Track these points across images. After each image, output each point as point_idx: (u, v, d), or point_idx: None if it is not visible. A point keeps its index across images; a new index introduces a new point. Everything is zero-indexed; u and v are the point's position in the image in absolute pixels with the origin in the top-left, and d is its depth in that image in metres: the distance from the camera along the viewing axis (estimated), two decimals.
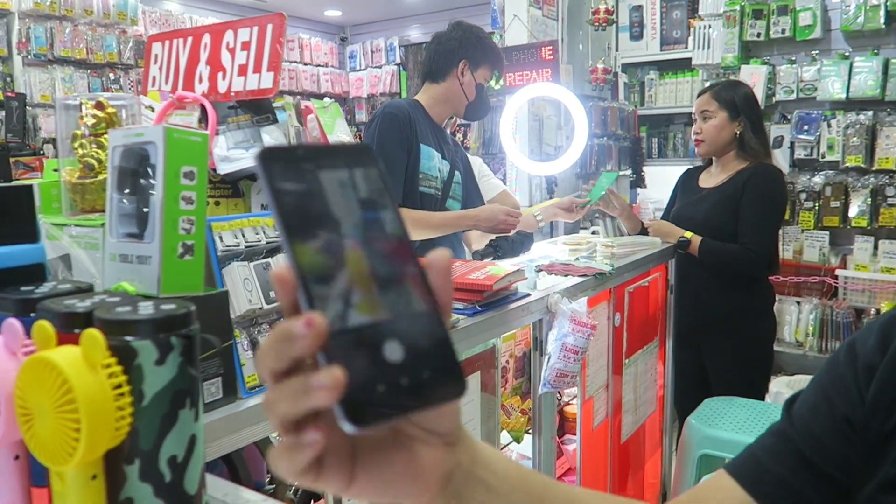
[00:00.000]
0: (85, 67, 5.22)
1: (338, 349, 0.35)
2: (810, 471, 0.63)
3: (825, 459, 0.63)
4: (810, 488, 0.63)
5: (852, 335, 0.68)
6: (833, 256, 3.47)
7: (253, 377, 0.98)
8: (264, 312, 1.03)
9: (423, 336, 0.37)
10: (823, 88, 3.42)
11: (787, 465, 0.64)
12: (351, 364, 0.35)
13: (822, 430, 0.64)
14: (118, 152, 0.87)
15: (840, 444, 0.62)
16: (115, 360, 0.55)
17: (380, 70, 7.83)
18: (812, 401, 0.66)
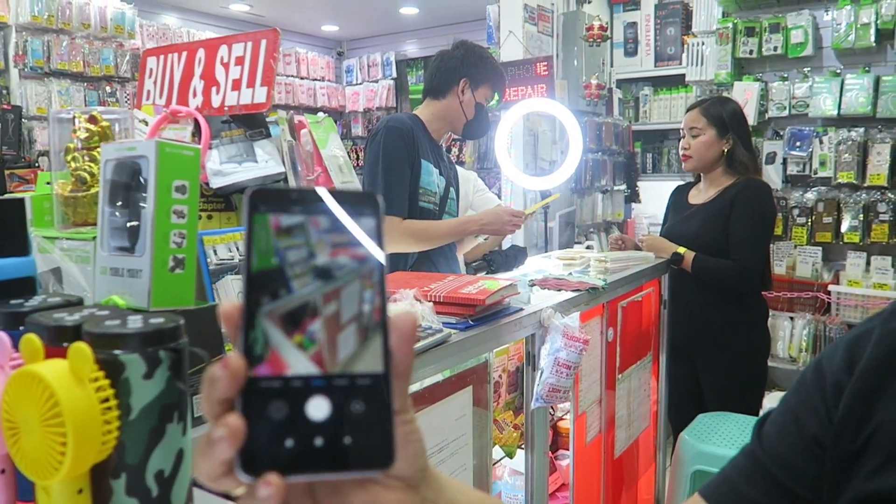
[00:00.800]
0: (82, 80, 5.23)
1: (255, 398, 0.34)
2: (780, 492, 0.64)
3: (795, 480, 0.63)
4: None
5: (819, 354, 0.69)
6: (826, 272, 3.48)
7: None
8: None
9: (359, 399, 0.35)
10: (815, 105, 3.45)
11: (758, 488, 0.65)
12: (263, 414, 0.33)
13: (791, 451, 0.64)
14: (110, 166, 0.87)
15: (809, 464, 0.63)
16: (102, 373, 0.55)
17: (376, 84, 7.87)
18: (781, 421, 0.67)
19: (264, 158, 1.11)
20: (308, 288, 0.36)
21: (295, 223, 0.36)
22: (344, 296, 0.37)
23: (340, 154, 1.25)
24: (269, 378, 0.34)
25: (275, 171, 1.11)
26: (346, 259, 0.37)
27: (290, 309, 0.36)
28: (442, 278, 1.52)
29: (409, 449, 0.40)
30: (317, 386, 0.34)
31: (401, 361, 0.38)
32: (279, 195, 0.36)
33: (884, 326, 0.62)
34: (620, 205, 5.50)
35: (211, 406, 0.35)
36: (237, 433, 0.33)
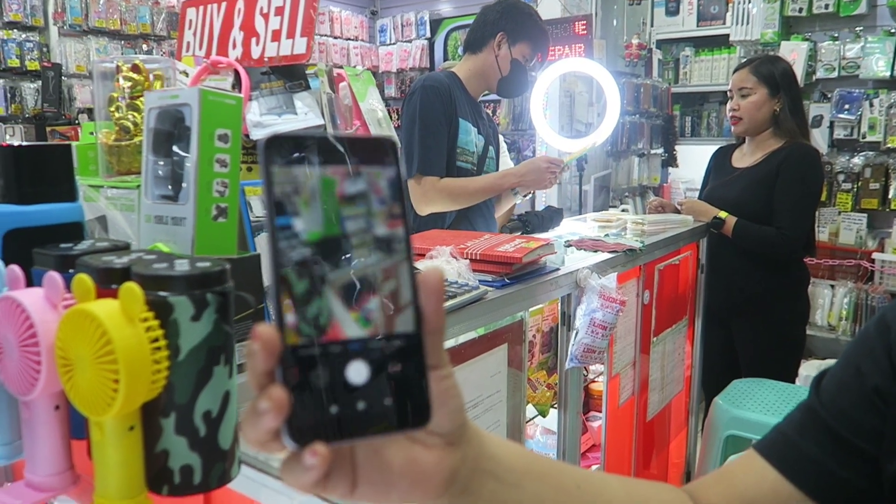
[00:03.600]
0: (119, 38, 5.27)
1: (295, 366, 0.33)
2: (839, 445, 0.62)
3: (854, 432, 0.62)
4: (839, 463, 0.62)
5: (882, 308, 0.66)
6: (870, 239, 3.39)
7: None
8: None
9: (395, 361, 0.35)
10: (867, 66, 3.32)
11: (815, 441, 0.64)
12: (304, 382, 0.33)
13: (851, 403, 0.63)
14: (153, 114, 0.88)
15: (870, 416, 0.61)
16: (152, 314, 0.56)
17: (410, 45, 7.77)
18: (840, 375, 0.65)
19: (304, 111, 1.11)
20: (335, 247, 0.35)
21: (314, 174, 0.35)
22: (372, 254, 0.36)
23: (379, 108, 1.24)
24: (305, 346, 0.34)
25: (314, 124, 1.11)
26: (369, 213, 0.36)
27: (321, 272, 0.34)
28: (479, 236, 1.51)
29: (448, 405, 0.39)
30: (354, 350, 0.34)
31: (431, 317, 0.37)
32: (296, 142, 0.35)
33: None
34: (657, 169, 5.40)
35: (255, 378, 0.35)
36: (281, 405, 0.33)
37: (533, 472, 0.49)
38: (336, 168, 0.35)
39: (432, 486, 0.41)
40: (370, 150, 0.36)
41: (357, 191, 0.35)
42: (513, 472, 0.47)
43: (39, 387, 0.56)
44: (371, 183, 0.36)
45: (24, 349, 0.57)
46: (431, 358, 0.37)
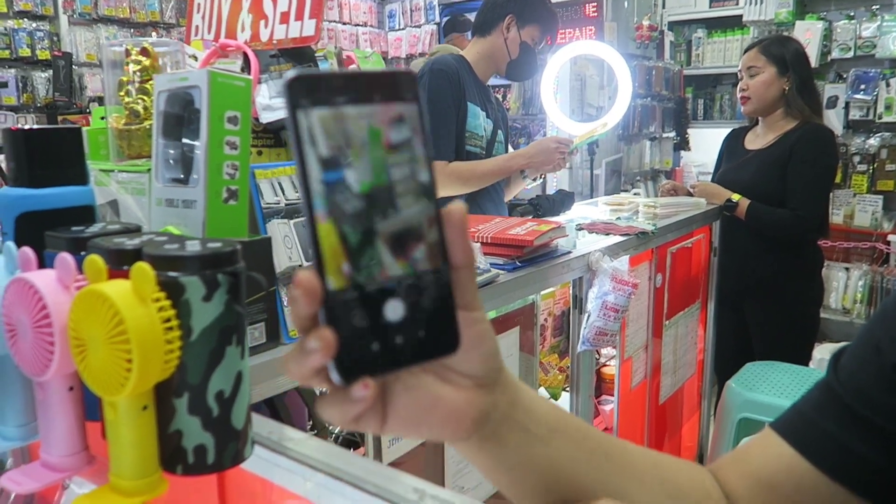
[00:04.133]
0: (128, 26, 5.27)
1: (337, 308, 0.35)
2: (857, 423, 0.61)
3: (873, 410, 0.61)
4: (858, 441, 0.61)
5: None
6: (886, 221, 3.35)
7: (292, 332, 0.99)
8: None
9: (426, 295, 0.36)
10: (883, 46, 3.26)
11: (834, 419, 0.63)
12: (347, 323, 0.35)
13: (870, 381, 0.62)
14: (163, 97, 0.87)
15: (889, 395, 0.60)
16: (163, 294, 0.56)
17: (419, 30, 7.73)
18: (859, 352, 0.64)
19: None
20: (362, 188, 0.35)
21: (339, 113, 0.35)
22: (399, 193, 0.36)
23: None
24: (343, 289, 0.35)
25: None
26: (394, 150, 0.36)
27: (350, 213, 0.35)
28: (489, 220, 1.50)
29: (480, 348, 0.40)
30: (389, 288, 0.35)
31: (458, 252, 0.38)
32: (321, 81, 0.35)
33: None
34: (669, 153, 5.36)
35: (299, 321, 0.37)
36: (329, 345, 0.35)
37: (564, 431, 0.49)
38: (359, 105, 0.35)
39: (461, 426, 0.42)
40: (392, 85, 0.36)
41: (381, 127, 0.36)
42: (544, 427, 0.47)
43: (53, 368, 0.56)
44: (394, 119, 0.36)
45: (37, 330, 0.58)
46: (462, 296, 0.38)
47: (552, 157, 2.03)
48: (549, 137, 2.12)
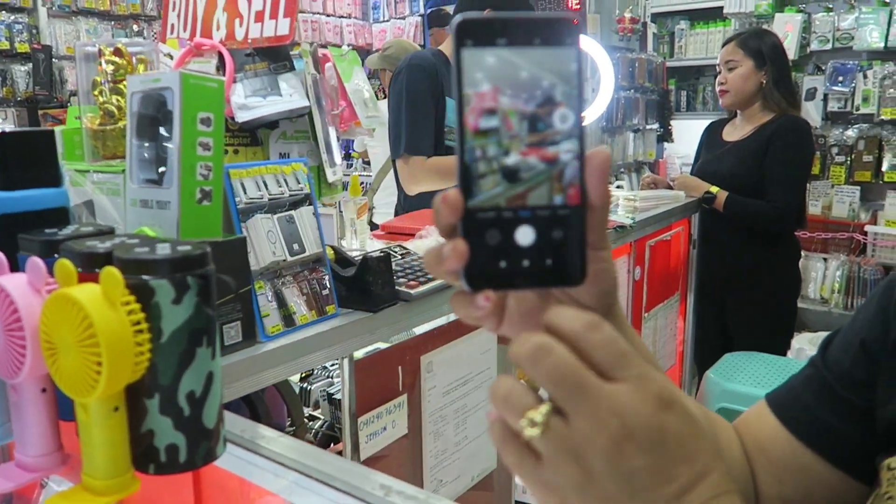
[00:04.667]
0: (109, 19, 5.21)
1: (474, 225, 0.38)
2: (835, 400, 0.66)
3: (849, 389, 0.65)
4: (834, 415, 0.65)
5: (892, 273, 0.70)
6: (863, 212, 3.39)
7: (276, 327, 1.00)
8: (288, 265, 1.04)
9: (558, 228, 0.39)
10: (861, 38, 3.30)
11: (814, 395, 0.67)
12: (481, 239, 0.38)
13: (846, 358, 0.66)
14: (136, 98, 0.88)
15: (859, 370, 0.64)
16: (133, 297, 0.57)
17: (403, 21, 7.70)
18: (844, 332, 0.69)
19: (289, 92, 1.11)
20: (515, 123, 0.38)
21: (501, 55, 0.38)
22: (548, 131, 0.39)
23: (365, 87, 1.24)
24: (482, 210, 0.38)
25: (299, 105, 1.11)
26: (549, 93, 0.38)
27: (500, 144, 0.38)
28: None
29: (601, 285, 0.42)
30: (523, 216, 0.38)
31: (595, 193, 0.40)
32: (486, 25, 0.38)
33: None
34: (652, 144, 5.38)
35: (441, 229, 0.40)
36: (461, 254, 0.38)
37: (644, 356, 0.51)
38: (519, 46, 0.38)
39: None
40: (554, 30, 0.38)
41: (539, 70, 0.38)
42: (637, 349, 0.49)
43: (25, 370, 0.57)
44: (553, 63, 0.38)
45: (9, 334, 0.58)
46: (592, 234, 0.40)
47: None
48: None
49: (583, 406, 0.36)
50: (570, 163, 0.39)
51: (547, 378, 0.37)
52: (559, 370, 0.36)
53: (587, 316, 0.38)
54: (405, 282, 1.16)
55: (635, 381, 0.37)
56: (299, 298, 1.04)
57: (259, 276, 1.01)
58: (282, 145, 1.18)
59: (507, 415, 0.38)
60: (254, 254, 0.99)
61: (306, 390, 1.44)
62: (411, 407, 1.21)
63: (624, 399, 0.37)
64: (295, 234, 1.06)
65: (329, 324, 1.04)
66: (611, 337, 0.38)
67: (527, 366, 0.37)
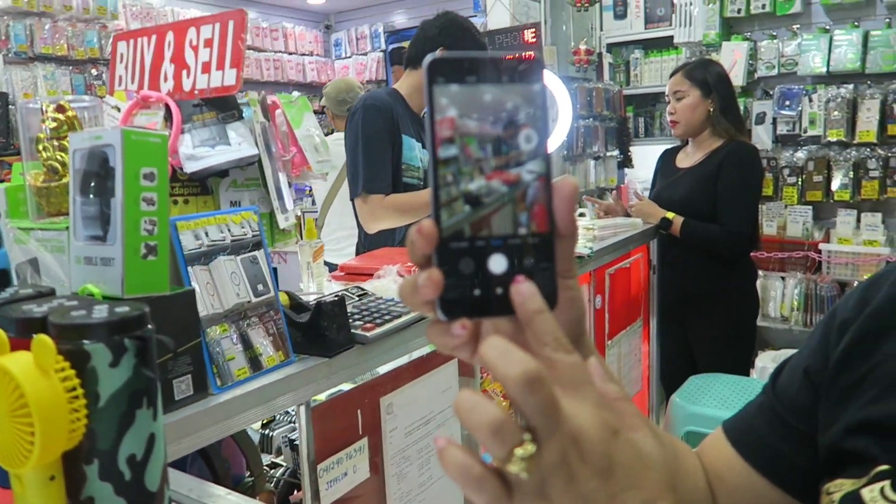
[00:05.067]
0: (67, 64, 5.18)
1: (448, 254, 0.39)
2: (782, 425, 0.68)
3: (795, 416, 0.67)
4: (782, 441, 0.67)
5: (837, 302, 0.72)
6: (816, 231, 3.49)
7: (242, 370, 1.00)
8: (252, 306, 1.04)
9: (529, 256, 0.40)
10: (804, 63, 3.42)
11: (765, 421, 0.69)
12: (455, 268, 0.39)
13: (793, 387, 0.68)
14: (79, 155, 0.88)
15: (804, 398, 0.66)
16: (68, 363, 0.57)
17: (365, 57, 7.79)
18: (792, 360, 0.71)
19: (237, 141, 1.12)
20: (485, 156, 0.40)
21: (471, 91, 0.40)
22: (517, 162, 0.40)
23: (316, 133, 1.25)
24: (456, 239, 0.39)
25: (248, 154, 1.12)
26: (516, 126, 0.40)
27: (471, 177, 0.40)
28: None
29: (570, 313, 0.43)
30: (496, 245, 0.40)
31: (563, 222, 0.41)
32: (456, 63, 0.40)
33: None
34: (613, 170, 5.48)
35: (416, 259, 0.41)
36: (436, 283, 0.39)
37: None
38: (490, 85, 0.40)
39: None
40: (520, 68, 0.40)
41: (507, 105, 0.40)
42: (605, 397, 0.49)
43: None
44: (520, 98, 0.40)
45: None
46: (561, 263, 0.41)
47: None
48: None
49: (556, 435, 0.37)
50: (539, 192, 0.40)
51: (538, 409, 0.36)
52: (550, 402, 0.36)
53: (564, 339, 0.39)
54: (361, 324, 1.16)
55: (592, 407, 0.38)
56: (265, 339, 1.04)
57: (223, 318, 1.00)
58: (232, 193, 1.18)
59: (493, 448, 0.37)
60: (217, 297, 0.99)
61: (268, 437, 1.42)
62: (373, 450, 1.20)
63: (582, 423, 0.37)
64: (259, 274, 1.06)
65: (283, 371, 1.03)
66: (579, 362, 0.39)
67: (519, 393, 0.36)
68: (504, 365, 0.37)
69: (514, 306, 0.39)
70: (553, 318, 0.39)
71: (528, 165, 0.40)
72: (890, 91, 3.27)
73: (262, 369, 1.02)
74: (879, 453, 0.55)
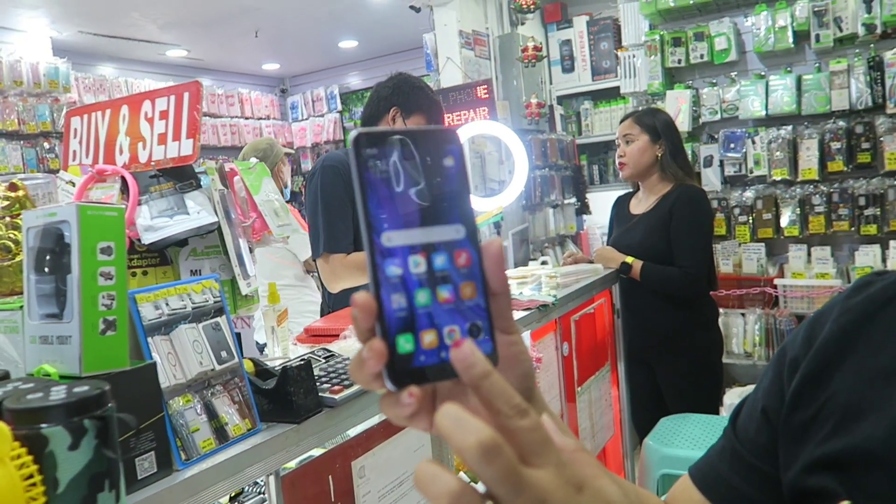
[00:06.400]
0: (18, 139, 5.12)
1: (388, 325, 0.40)
2: (745, 467, 0.68)
3: (755, 455, 0.68)
4: (746, 483, 0.68)
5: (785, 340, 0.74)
6: (771, 267, 3.59)
7: (208, 441, 0.97)
8: (217, 373, 1.02)
9: (467, 319, 0.41)
10: (744, 107, 3.58)
11: (728, 464, 0.70)
12: (396, 337, 0.40)
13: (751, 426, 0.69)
14: (33, 233, 0.87)
15: (763, 437, 0.68)
16: (25, 450, 0.55)
17: (322, 118, 7.89)
18: (749, 401, 0.72)
19: (196, 209, 1.11)
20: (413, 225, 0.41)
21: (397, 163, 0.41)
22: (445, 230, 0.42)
23: (275, 197, 1.26)
24: (395, 309, 0.40)
25: (207, 222, 1.11)
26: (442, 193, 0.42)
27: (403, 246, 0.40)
28: None
29: (516, 368, 0.43)
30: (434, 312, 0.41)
31: (495, 281, 0.42)
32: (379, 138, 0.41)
33: (844, 303, 0.66)
34: (572, 217, 5.59)
35: (359, 333, 0.41)
36: (380, 354, 0.39)
37: None
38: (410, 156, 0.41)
39: None
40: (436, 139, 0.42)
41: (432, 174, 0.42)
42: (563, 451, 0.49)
43: None
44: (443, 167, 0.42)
45: None
46: (500, 321, 0.42)
47: None
48: None
49: (518, 500, 0.37)
50: (469, 257, 0.42)
51: (496, 478, 0.36)
52: (509, 470, 0.36)
53: (517, 399, 0.38)
54: (329, 387, 1.15)
55: (555, 467, 0.38)
56: (231, 407, 1.02)
57: (186, 388, 0.98)
58: (192, 262, 1.17)
59: None
60: (179, 366, 0.97)
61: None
62: None
63: (547, 486, 0.37)
64: (222, 341, 1.04)
65: (250, 441, 1.01)
66: (536, 423, 0.38)
67: (476, 463, 0.36)
68: (458, 434, 0.36)
69: (458, 371, 0.39)
70: (501, 380, 0.39)
71: (456, 231, 0.42)
72: (826, 130, 3.43)
73: (229, 439, 0.99)
74: (840, 489, 0.56)
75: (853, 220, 3.37)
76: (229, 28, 5.90)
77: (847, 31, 3.33)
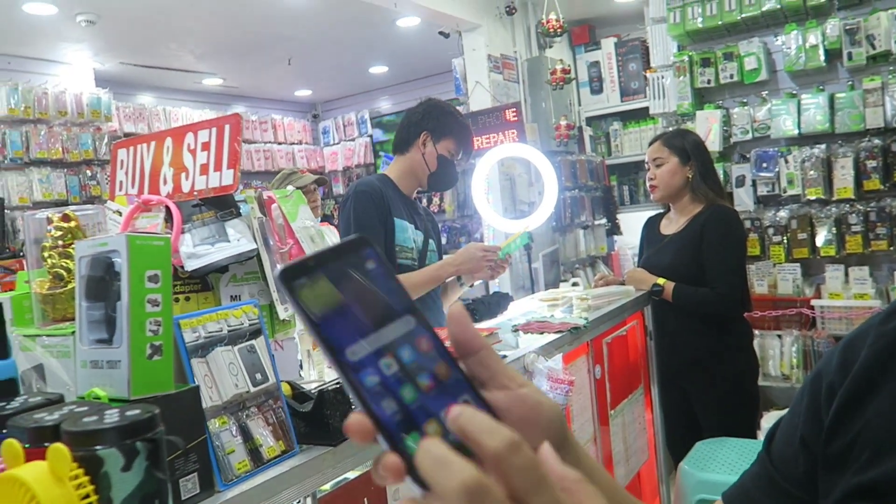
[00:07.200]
0: (62, 167, 5.30)
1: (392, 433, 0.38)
2: (780, 492, 0.68)
3: (791, 482, 0.67)
4: None
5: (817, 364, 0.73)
6: (807, 287, 3.53)
7: (243, 463, 0.99)
8: (252, 395, 1.04)
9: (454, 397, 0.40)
10: (776, 126, 3.55)
11: (764, 491, 0.69)
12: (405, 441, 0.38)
13: (788, 453, 0.69)
14: (84, 262, 0.91)
15: (800, 465, 0.67)
16: (82, 470, 0.58)
17: (353, 143, 8.01)
18: (784, 426, 0.71)
19: (236, 237, 1.15)
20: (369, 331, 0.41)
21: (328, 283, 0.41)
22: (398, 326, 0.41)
23: (311, 224, 1.30)
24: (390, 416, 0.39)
25: (247, 248, 1.15)
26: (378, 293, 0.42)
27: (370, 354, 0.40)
28: None
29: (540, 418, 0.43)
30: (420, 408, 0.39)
31: (468, 344, 0.42)
32: (301, 266, 0.41)
33: (879, 328, 0.65)
34: (603, 238, 5.57)
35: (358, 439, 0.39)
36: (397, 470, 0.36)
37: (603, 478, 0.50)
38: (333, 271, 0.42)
39: None
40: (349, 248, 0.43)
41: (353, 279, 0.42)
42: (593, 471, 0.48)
43: None
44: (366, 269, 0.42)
45: None
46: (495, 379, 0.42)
47: (479, 264, 2.10)
48: (475, 245, 2.21)
49: None
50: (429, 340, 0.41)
51: None
52: None
53: (510, 435, 0.36)
54: None
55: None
56: (265, 429, 1.04)
57: (222, 410, 1.00)
58: (232, 288, 1.21)
59: None
60: (216, 388, 1.00)
61: None
62: None
63: None
64: (257, 363, 1.06)
65: (288, 463, 1.03)
66: (530, 460, 0.36)
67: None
68: (439, 476, 0.34)
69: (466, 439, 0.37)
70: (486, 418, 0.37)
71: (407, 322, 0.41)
72: (861, 149, 3.39)
73: (263, 461, 1.02)
74: None
75: (892, 240, 3.31)
76: (263, 56, 6.06)
77: (880, 48, 3.29)
